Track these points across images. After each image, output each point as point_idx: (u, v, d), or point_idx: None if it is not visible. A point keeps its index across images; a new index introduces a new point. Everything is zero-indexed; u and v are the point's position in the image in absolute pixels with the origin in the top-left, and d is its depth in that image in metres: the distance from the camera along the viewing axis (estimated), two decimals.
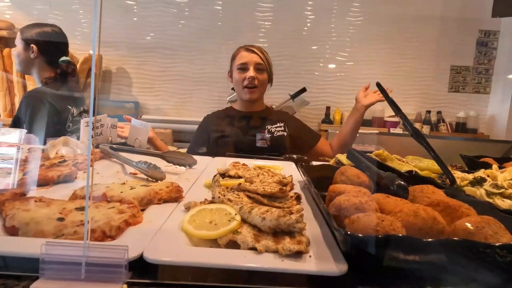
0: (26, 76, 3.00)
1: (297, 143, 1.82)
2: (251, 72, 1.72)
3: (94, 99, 0.52)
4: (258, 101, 1.84)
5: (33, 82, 2.99)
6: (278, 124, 1.80)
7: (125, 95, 3.52)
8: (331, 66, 3.58)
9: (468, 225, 0.58)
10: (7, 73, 3.01)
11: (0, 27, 3.15)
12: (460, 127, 3.51)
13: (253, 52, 1.75)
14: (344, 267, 0.51)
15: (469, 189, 0.87)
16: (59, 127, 1.78)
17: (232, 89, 2.65)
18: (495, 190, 0.80)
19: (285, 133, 1.78)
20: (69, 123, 1.84)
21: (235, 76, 1.78)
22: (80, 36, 3.38)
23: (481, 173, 0.92)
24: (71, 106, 1.87)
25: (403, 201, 0.72)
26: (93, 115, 1.18)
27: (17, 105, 3.03)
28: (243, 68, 1.74)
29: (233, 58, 1.81)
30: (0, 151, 1.20)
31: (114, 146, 1.22)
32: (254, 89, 1.75)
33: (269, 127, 1.77)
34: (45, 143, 1.30)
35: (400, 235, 0.53)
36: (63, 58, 1.87)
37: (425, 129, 3.42)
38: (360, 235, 0.51)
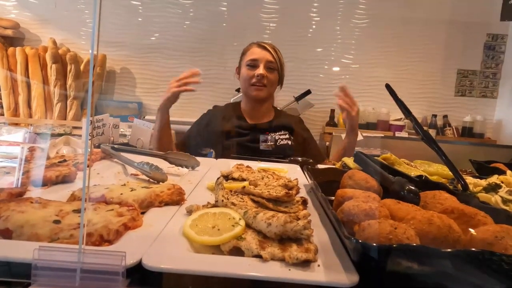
0: (31, 75, 2.99)
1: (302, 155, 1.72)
2: (260, 70, 1.59)
3: (91, 97, 0.49)
4: (265, 101, 1.70)
5: (38, 81, 3.00)
6: (282, 132, 1.66)
7: (129, 96, 3.51)
8: (336, 68, 3.54)
9: (486, 234, 0.54)
10: (12, 72, 3.00)
11: (5, 26, 3.14)
12: (467, 132, 3.46)
13: (266, 49, 1.62)
14: (355, 278, 0.48)
15: (483, 196, 0.83)
16: None
17: (237, 90, 2.55)
18: (511, 197, 0.76)
19: (290, 142, 1.65)
20: None
21: (243, 72, 1.66)
22: (85, 36, 3.36)
23: (495, 179, 0.88)
24: None
25: (414, 207, 0.69)
26: (91, 115, 1.16)
27: (21, 104, 3.04)
28: (253, 65, 1.61)
29: (243, 54, 1.69)
30: (1, 149, 1.18)
31: (115, 146, 1.20)
32: (262, 88, 1.62)
33: (272, 134, 1.64)
34: None
35: (415, 244, 0.50)
36: None
37: (431, 133, 3.36)
38: (374, 244, 0.48)
